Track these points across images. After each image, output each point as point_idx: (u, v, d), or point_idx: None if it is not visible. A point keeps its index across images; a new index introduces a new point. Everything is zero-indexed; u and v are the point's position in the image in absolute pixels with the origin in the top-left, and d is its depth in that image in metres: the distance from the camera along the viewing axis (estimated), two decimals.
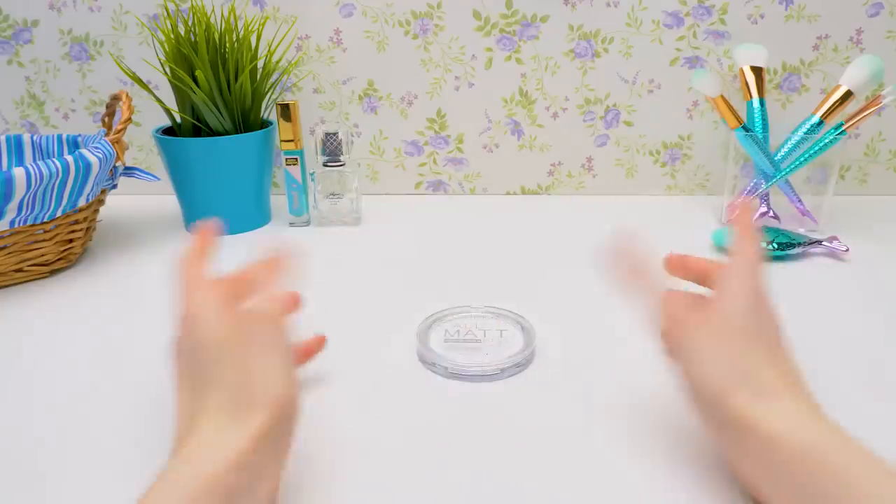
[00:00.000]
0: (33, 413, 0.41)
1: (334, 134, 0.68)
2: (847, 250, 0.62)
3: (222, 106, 0.67)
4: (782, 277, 0.59)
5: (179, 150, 0.68)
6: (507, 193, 0.83)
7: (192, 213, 0.72)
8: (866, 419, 0.40)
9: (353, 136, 0.81)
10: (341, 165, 0.70)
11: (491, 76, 0.77)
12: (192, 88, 0.65)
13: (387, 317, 0.53)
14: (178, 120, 0.70)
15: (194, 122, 0.69)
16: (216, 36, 0.67)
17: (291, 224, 0.74)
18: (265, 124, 0.73)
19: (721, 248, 0.64)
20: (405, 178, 0.83)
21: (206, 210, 0.70)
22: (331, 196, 0.71)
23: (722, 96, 0.68)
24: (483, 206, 0.79)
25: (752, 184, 0.70)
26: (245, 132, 0.70)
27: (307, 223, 0.74)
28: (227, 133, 0.69)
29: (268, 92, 0.72)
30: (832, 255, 0.63)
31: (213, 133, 0.69)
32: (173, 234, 0.72)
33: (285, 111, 0.68)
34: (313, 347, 0.44)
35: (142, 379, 0.45)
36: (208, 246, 0.37)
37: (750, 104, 0.70)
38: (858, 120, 0.64)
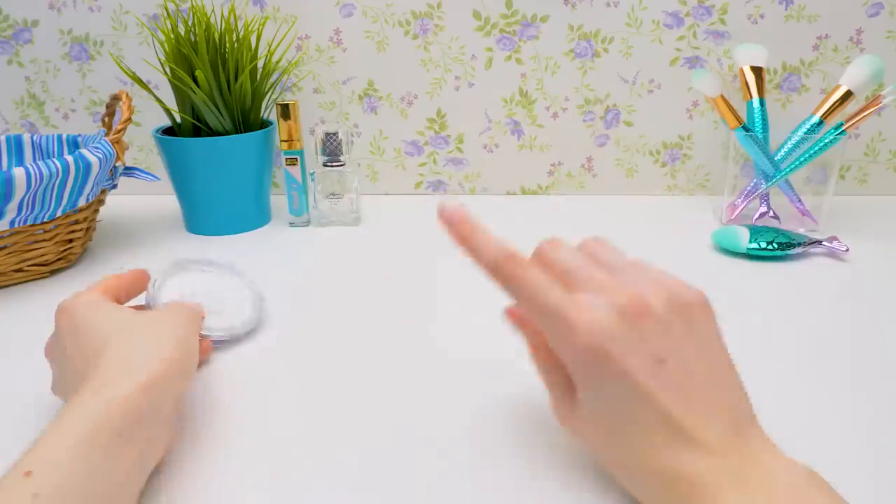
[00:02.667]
0: (33, 413, 0.41)
1: (334, 134, 0.68)
2: (847, 250, 0.62)
3: (222, 106, 0.67)
4: (782, 277, 0.59)
5: (179, 150, 0.68)
6: (507, 193, 0.83)
7: (192, 213, 0.72)
8: (866, 419, 0.40)
9: (353, 136, 0.81)
10: (341, 165, 0.70)
11: (491, 76, 0.77)
12: (192, 88, 0.65)
13: (386, 317, 0.53)
14: (178, 120, 0.70)
15: (194, 122, 0.69)
16: (216, 36, 0.67)
17: (291, 224, 0.74)
18: (265, 124, 0.73)
19: (722, 249, 0.64)
20: (405, 178, 0.83)
21: (206, 210, 0.70)
22: (331, 196, 0.71)
23: (722, 96, 0.68)
24: (483, 206, 0.79)
25: (752, 184, 0.70)
26: (245, 132, 0.70)
27: (307, 223, 0.74)
28: (227, 133, 0.69)
29: (268, 92, 0.72)
30: (832, 255, 0.63)
31: (213, 133, 0.69)
32: (173, 234, 0.72)
33: (285, 111, 0.68)
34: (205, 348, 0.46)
35: None
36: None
37: (750, 104, 0.70)
38: (858, 120, 0.64)
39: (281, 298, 0.56)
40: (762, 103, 0.69)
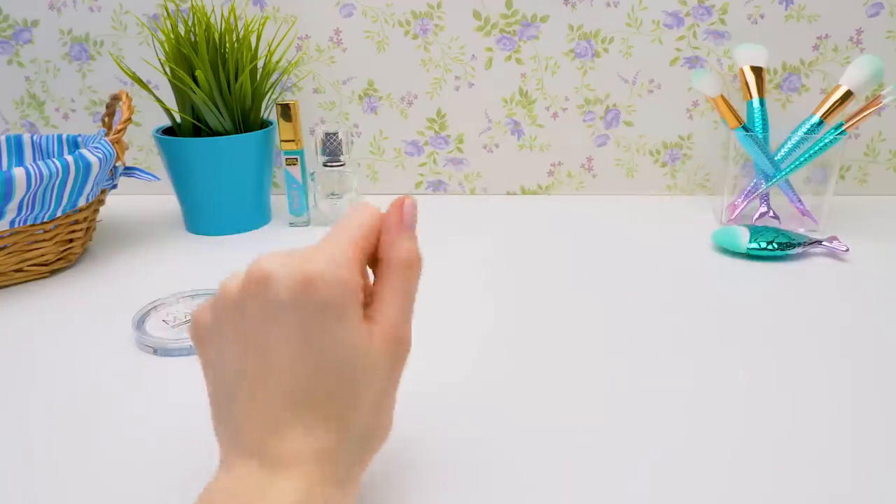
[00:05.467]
0: (33, 413, 0.42)
1: (334, 134, 0.68)
2: (847, 250, 0.62)
3: (222, 106, 0.67)
4: (782, 277, 0.59)
5: (179, 150, 0.68)
6: (507, 193, 0.83)
7: (192, 213, 0.72)
8: (866, 420, 0.40)
9: (353, 136, 0.81)
10: (341, 165, 0.70)
11: (491, 76, 0.77)
12: (192, 88, 0.65)
13: None
14: (178, 120, 0.70)
15: (194, 122, 0.69)
16: (216, 36, 0.67)
17: (291, 224, 0.74)
18: (265, 124, 0.73)
19: (722, 249, 0.64)
20: (405, 178, 0.83)
21: (206, 210, 0.70)
22: (331, 196, 0.71)
23: (722, 96, 0.68)
24: (483, 206, 0.79)
25: (752, 184, 0.70)
26: (245, 132, 0.70)
27: (307, 223, 0.74)
28: (227, 133, 0.69)
29: (268, 92, 0.72)
30: (832, 255, 0.63)
31: (213, 133, 0.69)
32: (173, 234, 0.72)
33: (285, 111, 0.68)
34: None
35: (143, 379, 0.45)
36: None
37: (750, 104, 0.70)
38: (858, 120, 0.64)
39: None
40: (762, 103, 0.69)
